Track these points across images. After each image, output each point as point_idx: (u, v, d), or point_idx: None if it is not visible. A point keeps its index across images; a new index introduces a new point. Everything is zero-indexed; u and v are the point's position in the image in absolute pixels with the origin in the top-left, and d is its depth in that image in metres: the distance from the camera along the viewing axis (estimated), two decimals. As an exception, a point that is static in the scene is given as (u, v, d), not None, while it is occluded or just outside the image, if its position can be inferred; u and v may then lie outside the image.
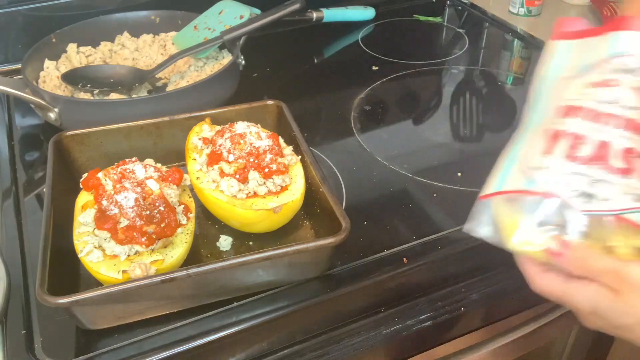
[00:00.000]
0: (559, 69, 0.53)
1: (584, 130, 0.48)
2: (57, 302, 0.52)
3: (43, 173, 0.73)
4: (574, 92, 0.50)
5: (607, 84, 0.48)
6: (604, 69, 0.49)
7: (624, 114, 0.47)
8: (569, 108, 0.49)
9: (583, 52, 0.52)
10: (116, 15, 1.02)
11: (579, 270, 0.46)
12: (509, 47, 1.17)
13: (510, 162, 0.51)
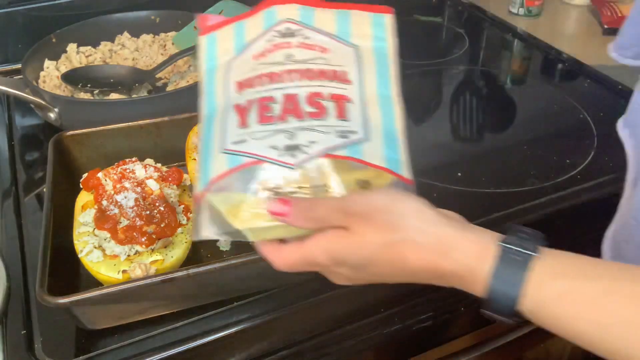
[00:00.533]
0: (215, 58, 0.55)
1: (269, 92, 0.50)
2: (57, 302, 0.52)
3: (43, 173, 0.73)
4: (244, 67, 0.52)
5: (275, 49, 0.52)
6: (265, 39, 0.53)
7: (299, 67, 0.50)
8: (246, 81, 0.51)
9: (234, 36, 0.55)
10: (116, 15, 1.02)
11: (308, 222, 0.45)
12: (509, 47, 1.17)
13: (208, 152, 0.50)
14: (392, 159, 0.50)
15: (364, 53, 0.53)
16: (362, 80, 0.52)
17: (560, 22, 1.23)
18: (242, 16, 0.56)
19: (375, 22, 0.55)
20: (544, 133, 0.88)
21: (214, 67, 0.55)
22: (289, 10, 0.54)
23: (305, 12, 0.54)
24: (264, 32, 0.53)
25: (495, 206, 0.72)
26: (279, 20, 0.53)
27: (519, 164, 0.80)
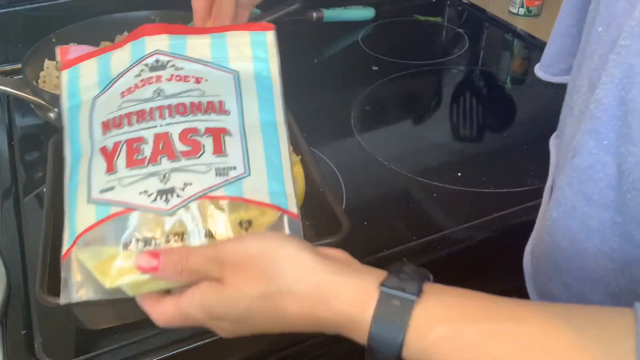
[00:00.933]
0: (77, 94, 0.51)
1: (137, 133, 0.46)
2: (57, 302, 0.51)
3: (43, 173, 0.73)
4: (110, 106, 0.49)
5: (144, 84, 0.49)
6: (133, 74, 0.50)
7: (170, 102, 0.47)
8: (112, 120, 0.47)
9: (99, 70, 0.51)
10: (116, 15, 1.02)
11: (181, 275, 0.41)
12: (509, 47, 1.17)
13: (74, 203, 0.46)
14: (276, 193, 0.46)
15: (243, 78, 0.50)
16: (241, 109, 0.48)
17: (560, 22, 1.23)
18: (109, 48, 0.53)
19: (255, 41, 0.52)
20: (544, 133, 0.88)
21: (77, 105, 0.50)
22: (159, 41, 0.51)
23: (177, 41, 0.51)
24: (132, 65, 0.50)
25: (495, 206, 0.72)
26: (147, 52, 0.50)
27: (519, 164, 0.80)
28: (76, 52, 0.56)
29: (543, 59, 0.67)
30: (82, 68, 0.52)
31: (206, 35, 0.52)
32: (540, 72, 0.68)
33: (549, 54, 0.66)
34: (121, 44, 0.52)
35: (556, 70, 0.66)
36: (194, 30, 0.52)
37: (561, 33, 0.62)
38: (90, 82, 0.51)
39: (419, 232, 0.68)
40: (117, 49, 0.52)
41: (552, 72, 0.67)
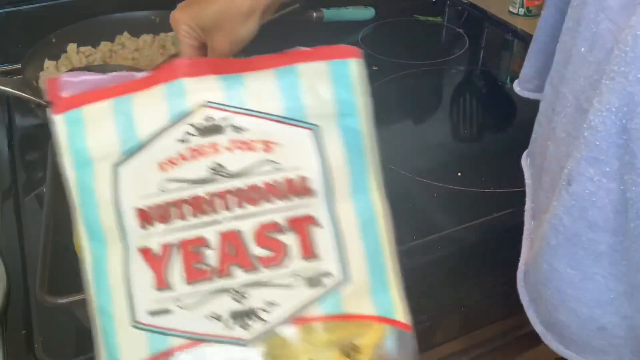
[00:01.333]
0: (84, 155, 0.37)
1: (195, 232, 0.35)
2: (57, 302, 0.52)
3: (43, 173, 0.73)
4: (145, 182, 0.36)
5: (194, 155, 0.36)
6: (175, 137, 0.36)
7: (235, 185, 0.36)
8: (153, 210, 0.36)
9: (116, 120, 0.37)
10: (116, 15, 1.02)
11: None
12: (509, 47, 1.17)
13: (105, 316, 0.36)
14: (382, 301, 0.37)
15: (326, 135, 0.37)
16: (328, 183, 0.37)
17: (560, 22, 1.23)
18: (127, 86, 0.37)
19: (336, 75, 0.40)
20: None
21: (88, 172, 0.37)
22: (206, 85, 0.37)
23: (231, 85, 0.37)
24: (171, 123, 0.36)
25: (495, 206, 0.72)
26: (193, 105, 0.36)
27: (519, 164, 0.80)
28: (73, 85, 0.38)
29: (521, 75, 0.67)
30: (88, 114, 0.37)
31: (269, 70, 0.38)
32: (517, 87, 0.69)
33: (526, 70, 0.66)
34: (146, 81, 0.38)
35: (531, 86, 0.66)
36: (250, 63, 0.38)
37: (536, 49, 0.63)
38: (104, 139, 0.37)
39: (419, 232, 0.68)
40: (142, 91, 0.37)
41: (527, 88, 0.67)
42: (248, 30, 0.61)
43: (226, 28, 0.59)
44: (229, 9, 0.59)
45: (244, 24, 0.60)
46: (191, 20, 0.61)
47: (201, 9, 0.60)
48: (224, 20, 0.59)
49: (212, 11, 0.59)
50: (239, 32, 0.60)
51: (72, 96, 0.38)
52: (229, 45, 0.60)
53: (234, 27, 0.59)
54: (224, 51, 0.60)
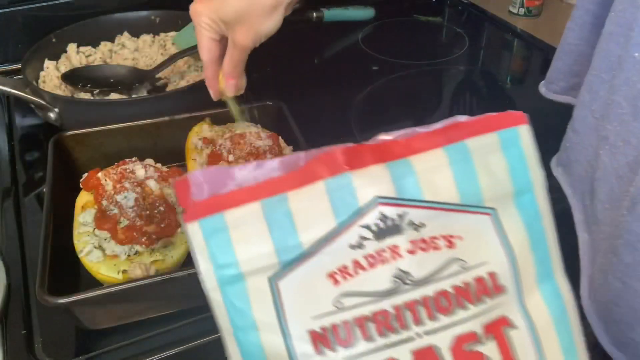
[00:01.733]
0: (230, 265, 0.32)
1: (383, 353, 0.31)
2: (57, 302, 0.52)
3: (43, 173, 0.73)
4: (313, 298, 0.31)
5: (372, 263, 0.31)
6: (347, 243, 0.31)
7: (423, 293, 0.31)
8: (330, 331, 0.31)
9: (268, 227, 0.32)
10: (116, 15, 1.02)
11: None
12: (509, 47, 1.17)
13: None
14: None
15: (504, 219, 0.33)
16: (517, 277, 0.33)
17: (560, 22, 1.23)
18: (277, 183, 0.32)
19: (508, 147, 0.34)
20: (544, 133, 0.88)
21: (239, 289, 0.32)
22: (374, 178, 0.31)
23: (400, 172, 0.32)
24: (340, 227, 0.31)
25: (495, 206, 0.72)
26: (363, 203, 0.31)
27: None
28: (208, 184, 0.32)
29: (547, 76, 0.66)
30: (232, 219, 0.32)
31: (437, 150, 0.33)
32: (543, 88, 0.68)
33: (553, 72, 0.65)
34: (296, 177, 0.32)
35: (557, 88, 0.65)
36: (412, 142, 0.33)
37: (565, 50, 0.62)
38: (256, 249, 0.32)
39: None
40: (298, 189, 0.32)
41: (553, 90, 0.66)
42: (272, 24, 0.59)
43: (249, 22, 0.58)
44: (253, 2, 0.57)
45: (268, 17, 0.58)
46: (213, 12, 0.58)
47: (224, 2, 0.58)
48: (247, 14, 0.57)
49: (235, 4, 0.57)
50: (263, 26, 0.59)
51: (209, 199, 0.32)
52: (251, 40, 0.59)
53: (258, 21, 0.58)
54: (247, 45, 0.59)
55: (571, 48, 0.60)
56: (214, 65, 0.63)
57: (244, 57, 0.61)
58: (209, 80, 0.65)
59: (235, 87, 0.64)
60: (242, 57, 0.61)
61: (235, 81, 0.63)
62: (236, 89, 0.64)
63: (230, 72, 0.62)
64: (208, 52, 0.62)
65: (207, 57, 0.62)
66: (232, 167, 0.32)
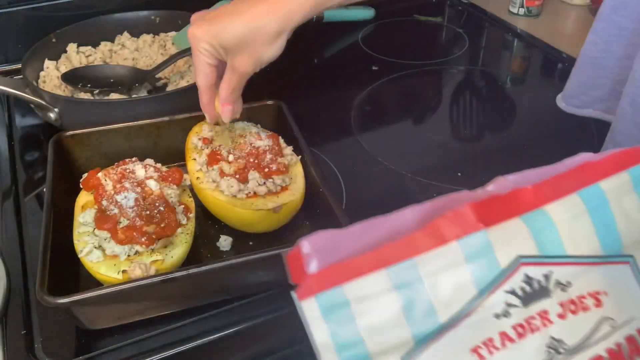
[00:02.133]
0: (353, 343, 0.28)
1: None
2: (57, 302, 0.52)
3: (43, 173, 0.73)
4: None
5: (521, 334, 0.28)
6: (491, 312, 0.28)
7: None
8: None
9: (397, 295, 0.28)
10: (116, 15, 1.02)
11: None
12: (509, 47, 1.17)
13: None
14: None
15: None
16: None
17: (560, 22, 1.23)
18: (399, 246, 0.28)
19: (639, 183, 0.31)
20: (544, 133, 0.88)
21: None
22: (512, 234, 0.29)
23: (539, 224, 0.29)
24: (481, 294, 0.28)
25: (495, 206, 0.72)
26: (505, 264, 0.28)
27: (518, 164, 0.80)
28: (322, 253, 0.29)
29: (565, 90, 0.66)
30: (354, 292, 0.28)
31: (572, 196, 0.30)
32: (562, 102, 0.67)
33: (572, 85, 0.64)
34: (426, 235, 0.29)
35: (579, 102, 0.64)
36: (542, 189, 0.31)
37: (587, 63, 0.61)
38: (384, 324, 0.28)
39: (419, 232, 0.68)
40: (425, 253, 0.28)
41: (574, 104, 0.65)
42: (275, 51, 0.57)
43: (251, 48, 0.56)
44: (256, 29, 0.55)
45: (271, 45, 0.56)
46: (213, 38, 0.56)
47: (224, 27, 0.56)
48: (250, 41, 0.55)
49: (236, 30, 0.55)
50: (265, 53, 0.57)
51: (325, 270, 0.29)
52: (252, 66, 0.57)
53: (260, 48, 0.56)
54: (247, 72, 0.58)
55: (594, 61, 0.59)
56: (210, 91, 0.62)
57: (242, 83, 0.60)
58: (205, 106, 0.63)
59: (231, 113, 0.63)
60: (241, 83, 0.60)
61: (231, 107, 0.62)
62: (232, 114, 0.63)
63: (227, 97, 0.61)
64: (205, 77, 0.60)
65: (204, 82, 0.60)
66: (343, 229, 0.29)
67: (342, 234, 0.29)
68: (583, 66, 0.61)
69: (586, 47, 0.60)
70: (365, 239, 0.29)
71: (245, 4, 0.56)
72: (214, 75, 0.60)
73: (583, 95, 0.63)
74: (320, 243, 0.29)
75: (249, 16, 0.55)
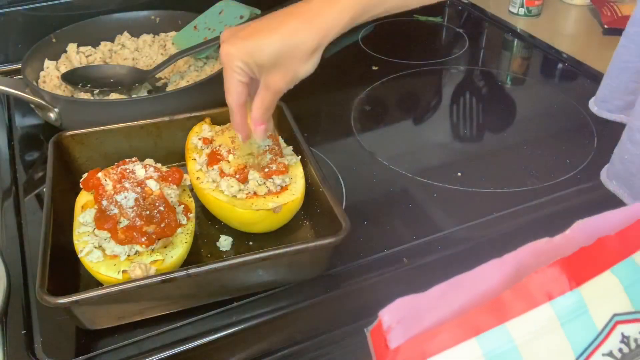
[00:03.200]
0: None
1: None
2: (57, 302, 0.52)
3: (43, 173, 0.73)
4: None
5: None
6: None
7: None
8: None
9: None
10: (116, 15, 1.02)
11: None
12: (509, 47, 1.17)
13: None
14: None
15: None
16: None
17: (560, 22, 1.23)
18: (489, 310, 0.27)
19: None
20: (544, 133, 0.88)
21: None
22: (606, 290, 0.27)
23: (631, 276, 0.28)
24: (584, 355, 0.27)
25: (495, 206, 0.72)
26: (603, 325, 0.27)
27: (519, 164, 0.80)
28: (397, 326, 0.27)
29: (598, 94, 0.65)
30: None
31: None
32: (594, 107, 0.66)
33: (605, 89, 0.63)
34: (515, 297, 0.27)
35: (611, 106, 0.64)
36: (630, 235, 0.29)
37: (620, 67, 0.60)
38: None
39: (419, 232, 0.68)
40: (522, 316, 0.27)
41: (606, 108, 0.65)
42: (310, 67, 0.56)
43: (287, 65, 0.54)
44: (292, 46, 0.53)
45: (307, 61, 0.55)
46: (247, 56, 0.54)
47: (259, 44, 0.54)
48: (286, 58, 0.53)
49: (272, 48, 0.53)
50: (300, 70, 0.55)
51: (409, 343, 0.26)
52: (286, 84, 0.56)
53: (296, 64, 0.54)
54: (282, 89, 0.56)
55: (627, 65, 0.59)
56: (242, 109, 0.59)
57: (275, 101, 0.58)
58: (238, 125, 0.60)
59: (264, 132, 0.60)
60: (274, 101, 0.58)
61: (265, 126, 0.60)
62: (265, 134, 0.61)
63: (261, 117, 0.59)
64: (237, 96, 0.58)
65: (236, 101, 0.58)
66: (423, 293, 0.28)
67: (422, 299, 0.28)
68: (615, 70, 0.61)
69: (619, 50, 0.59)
70: (448, 302, 0.27)
71: (279, 20, 0.54)
72: (245, 93, 0.58)
73: (617, 100, 0.63)
74: (400, 312, 0.27)
75: (285, 32, 0.53)
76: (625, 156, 0.55)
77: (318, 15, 0.53)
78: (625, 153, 0.55)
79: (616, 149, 0.57)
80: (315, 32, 0.53)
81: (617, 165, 0.57)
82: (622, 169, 0.56)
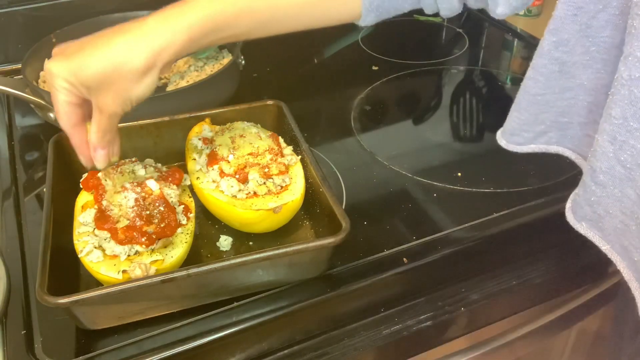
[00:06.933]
0: None
1: None
2: (57, 302, 0.52)
3: (43, 173, 0.73)
4: None
5: None
6: None
7: None
8: None
9: None
10: (116, 15, 1.02)
11: None
12: (509, 47, 1.17)
13: None
14: None
15: None
16: None
17: (560, 22, 1.23)
18: None
19: None
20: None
21: None
22: None
23: None
24: None
25: (495, 206, 0.72)
26: None
27: (519, 164, 0.80)
28: None
29: (505, 127, 0.64)
30: None
31: None
32: (502, 140, 0.65)
33: (513, 123, 0.62)
34: None
35: (520, 139, 0.63)
36: None
37: (529, 101, 0.59)
38: None
39: (419, 232, 0.68)
40: None
41: (517, 142, 0.64)
42: (144, 89, 0.51)
43: (116, 87, 0.50)
44: (118, 65, 0.49)
45: (138, 82, 0.50)
46: (71, 76, 0.50)
47: (83, 63, 0.49)
48: (112, 78, 0.49)
49: (96, 67, 0.49)
50: (132, 92, 0.51)
51: None
52: (120, 107, 0.52)
53: (125, 85, 0.50)
54: (115, 112, 0.52)
55: (537, 99, 0.58)
56: (79, 131, 0.55)
57: (114, 124, 0.54)
58: (77, 148, 0.56)
59: (106, 157, 0.56)
60: (112, 125, 0.54)
61: (105, 151, 0.56)
62: (107, 159, 0.57)
63: (99, 142, 0.54)
64: (67, 117, 0.53)
65: (66, 123, 0.54)
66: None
67: None
68: (526, 104, 0.60)
69: (526, 83, 0.58)
70: None
71: (107, 37, 0.51)
72: (76, 114, 0.54)
73: (526, 133, 0.62)
74: None
75: (110, 50, 0.49)
76: (592, 198, 0.53)
77: (149, 33, 0.51)
78: (591, 195, 0.53)
79: (579, 189, 0.56)
80: (145, 52, 0.50)
81: (585, 207, 0.55)
82: (590, 210, 0.55)
